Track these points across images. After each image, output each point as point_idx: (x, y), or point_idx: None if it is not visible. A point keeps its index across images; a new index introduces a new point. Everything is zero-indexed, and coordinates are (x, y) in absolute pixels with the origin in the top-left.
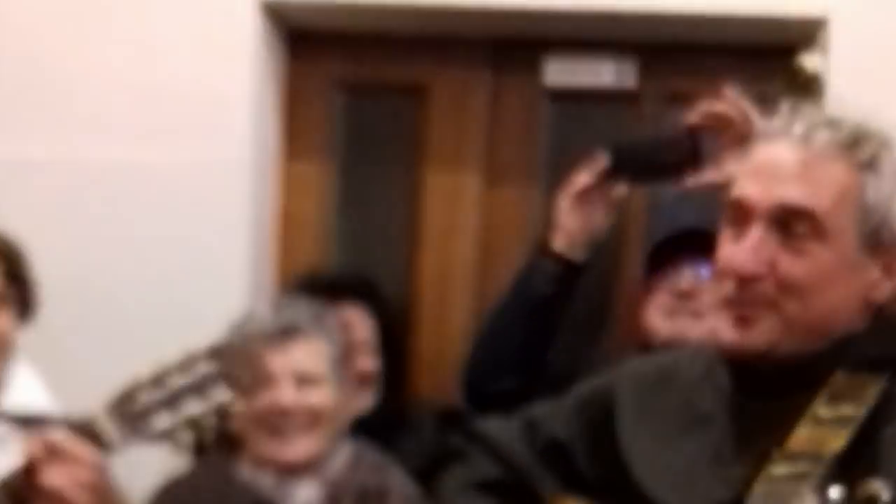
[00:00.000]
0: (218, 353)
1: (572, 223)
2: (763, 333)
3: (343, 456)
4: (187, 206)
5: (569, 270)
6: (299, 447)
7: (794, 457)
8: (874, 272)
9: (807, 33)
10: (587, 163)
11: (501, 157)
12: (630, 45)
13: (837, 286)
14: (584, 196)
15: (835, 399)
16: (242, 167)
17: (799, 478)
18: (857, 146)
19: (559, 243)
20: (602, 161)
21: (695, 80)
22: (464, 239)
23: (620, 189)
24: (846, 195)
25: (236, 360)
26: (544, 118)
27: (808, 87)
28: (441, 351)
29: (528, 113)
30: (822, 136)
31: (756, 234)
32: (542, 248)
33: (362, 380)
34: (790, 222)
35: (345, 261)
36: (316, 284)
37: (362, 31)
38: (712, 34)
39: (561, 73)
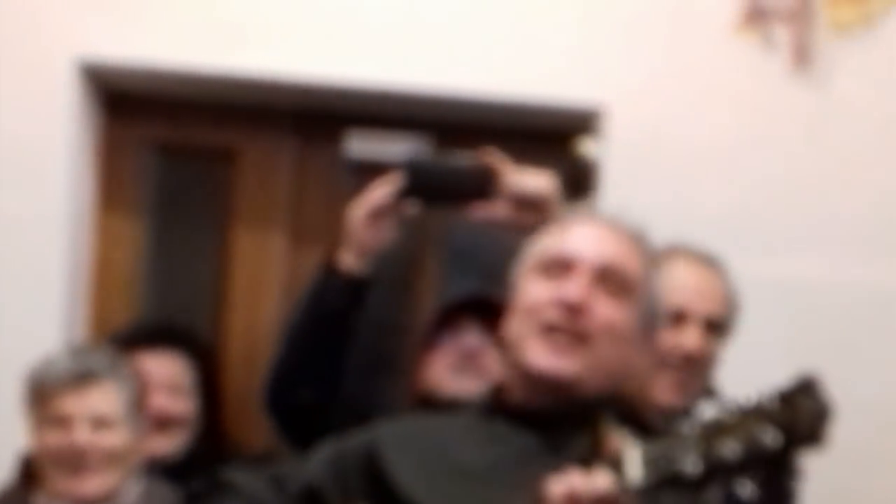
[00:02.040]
0: None
1: (363, 238)
2: (577, 363)
3: (135, 493)
4: (3, 258)
5: (356, 286)
6: (94, 484)
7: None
8: (645, 356)
9: (585, 121)
10: (384, 180)
11: (306, 220)
12: (427, 124)
13: (628, 345)
14: (378, 212)
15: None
16: (58, 221)
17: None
18: (643, 241)
19: (347, 260)
20: (398, 180)
21: None
22: (270, 296)
23: (413, 208)
24: (644, 276)
25: (36, 402)
26: (346, 186)
27: (585, 172)
28: (248, 401)
29: (331, 181)
30: (623, 224)
31: (583, 279)
32: (331, 266)
33: (173, 421)
34: (608, 278)
35: (156, 314)
36: (137, 332)
37: (177, 96)
38: (501, 118)
39: (362, 146)
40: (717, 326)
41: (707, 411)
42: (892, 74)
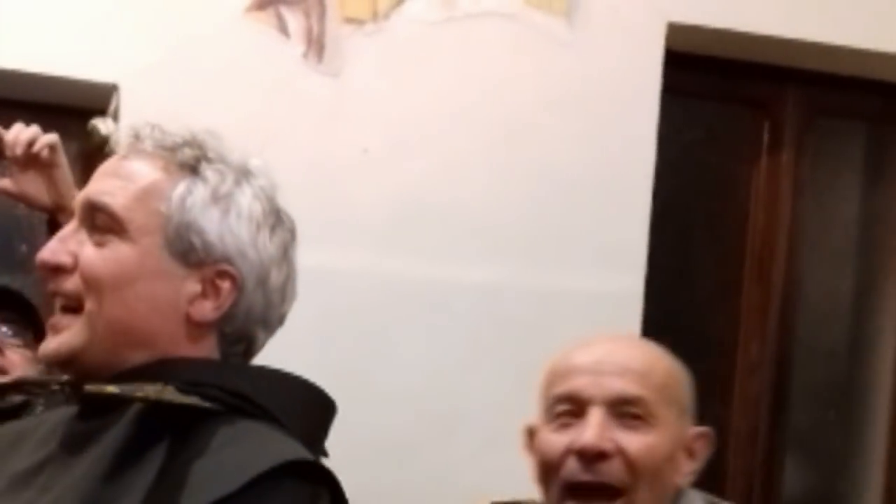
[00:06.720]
0: None
1: None
2: (68, 337)
3: None
4: None
5: None
6: None
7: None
8: (190, 284)
9: (101, 97)
10: None
11: None
12: None
13: (139, 284)
14: None
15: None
16: None
17: None
18: (180, 149)
19: None
20: None
21: None
22: None
23: None
24: (148, 192)
25: None
26: None
27: (101, 149)
28: None
29: None
30: (149, 139)
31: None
32: None
33: None
34: (93, 216)
35: None
36: None
37: None
38: (11, 89)
39: None
40: None
41: None
42: (403, 67)
